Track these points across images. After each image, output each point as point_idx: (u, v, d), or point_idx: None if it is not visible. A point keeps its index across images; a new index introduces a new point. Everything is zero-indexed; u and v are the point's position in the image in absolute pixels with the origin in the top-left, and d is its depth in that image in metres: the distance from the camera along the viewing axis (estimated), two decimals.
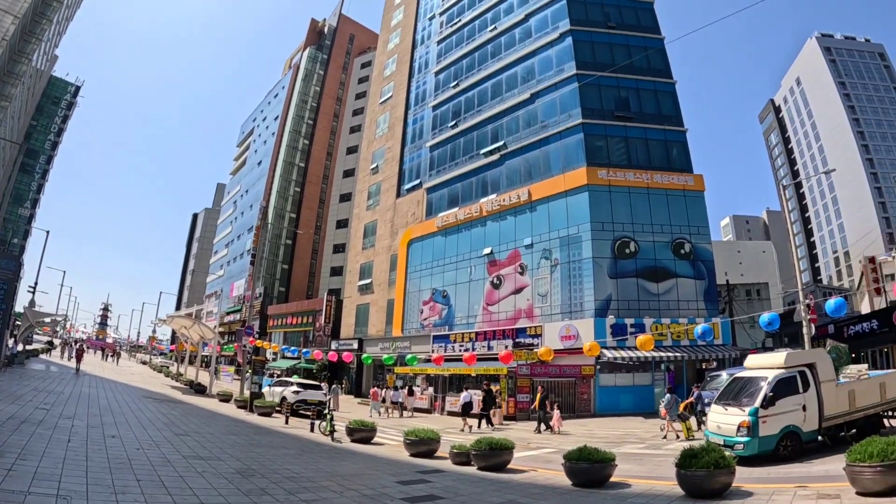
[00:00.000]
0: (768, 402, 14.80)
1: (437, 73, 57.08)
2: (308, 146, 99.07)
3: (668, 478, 11.55)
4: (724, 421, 15.50)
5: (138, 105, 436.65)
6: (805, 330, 29.12)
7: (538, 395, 28.44)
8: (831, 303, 23.41)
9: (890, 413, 17.17)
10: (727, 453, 11.03)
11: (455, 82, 53.97)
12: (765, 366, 16.48)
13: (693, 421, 22.55)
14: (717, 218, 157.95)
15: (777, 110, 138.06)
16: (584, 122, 41.81)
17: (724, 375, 25.58)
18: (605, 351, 33.87)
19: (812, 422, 15.19)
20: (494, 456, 14.30)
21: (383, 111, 64.30)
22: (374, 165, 62.19)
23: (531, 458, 17.25)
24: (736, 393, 16.09)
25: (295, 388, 30.81)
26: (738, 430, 14.77)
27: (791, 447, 14.68)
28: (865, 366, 18.45)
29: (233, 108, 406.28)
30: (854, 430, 16.08)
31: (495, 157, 46.84)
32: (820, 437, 15.86)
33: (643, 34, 46.86)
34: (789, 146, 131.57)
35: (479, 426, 27.97)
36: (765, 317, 24.47)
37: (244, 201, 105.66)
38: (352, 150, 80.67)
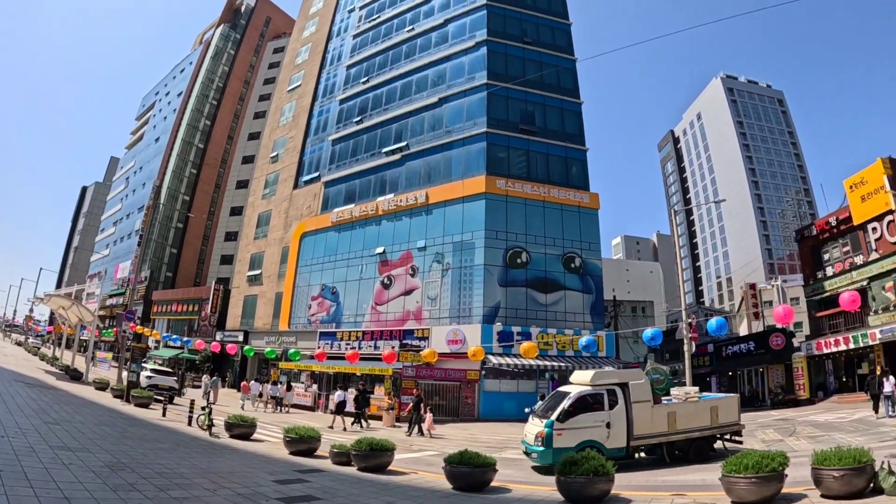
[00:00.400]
0: (565, 416, 15.34)
1: (349, 67, 56.08)
2: (210, 127, 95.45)
3: (549, 483, 11.61)
4: (530, 430, 16.07)
5: (32, 65, 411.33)
6: (686, 347, 30.31)
7: (413, 398, 28.21)
8: (713, 322, 24.35)
9: (729, 436, 17.42)
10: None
11: (366, 78, 53.13)
12: (578, 382, 16.93)
13: None
14: (609, 236, 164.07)
15: (676, 141, 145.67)
16: (489, 132, 42.08)
17: None
18: (490, 357, 34.43)
19: (618, 439, 15.55)
20: (375, 457, 14.10)
21: (290, 99, 62.75)
22: (274, 154, 60.54)
23: (413, 461, 17.07)
24: (549, 406, 16.53)
25: (148, 372, 32.05)
26: (536, 439, 15.36)
27: None
28: (696, 388, 18.74)
29: (135, 79, 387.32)
30: (680, 451, 16.49)
31: (397, 157, 46.38)
32: (637, 455, 16.40)
33: (557, 53, 47.84)
34: (684, 175, 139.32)
35: (361, 426, 27.53)
36: (648, 332, 25.13)
37: (137, 178, 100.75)
38: (254, 136, 78.37)
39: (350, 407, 29.28)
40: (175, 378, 34.45)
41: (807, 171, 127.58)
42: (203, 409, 20.07)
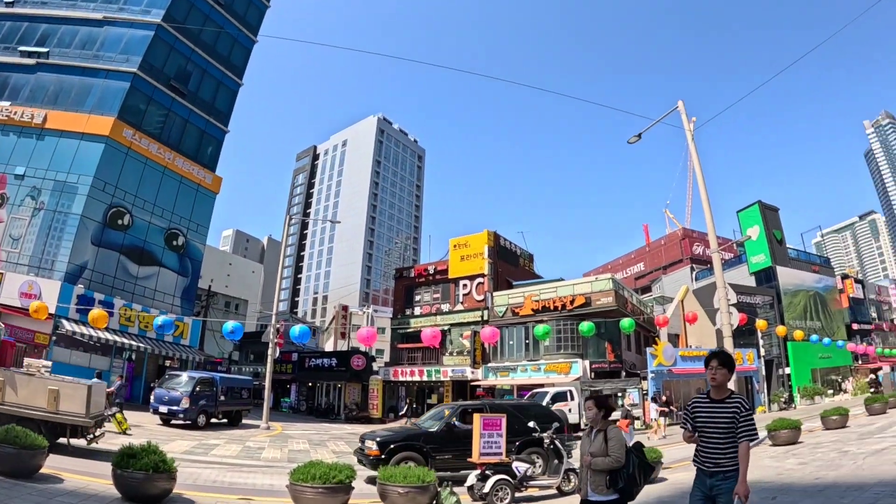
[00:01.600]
0: None
1: None
2: None
3: (107, 476, 10.02)
4: None
5: None
6: (270, 351, 30.80)
7: None
8: (296, 329, 25.12)
9: (89, 433, 14.60)
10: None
11: None
12: None
13: (123, 415, 20.85)
14: (222, 226, 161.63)
15: (316, 157, 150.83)
16: (138, 75, 38.04)
17: (185, 377, 25.80)
18: (65, 322, 30.78)
19: None
20: None
21: None
22: None
23: None
24: None
25: None
26: None
27: None
28: (46, 363, 15.48)
29: None
30: None
31: (32, 61, 38.40)
32: None
33: (242, 27, 46.59)
34: (311, 190, 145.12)
35: None
36: (228, 325, 24.98)
37: None
38: None
39: None
40: None
41: (421, 222, 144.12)
42: None
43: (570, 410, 27.92)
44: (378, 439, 13.90)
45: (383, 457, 13.24)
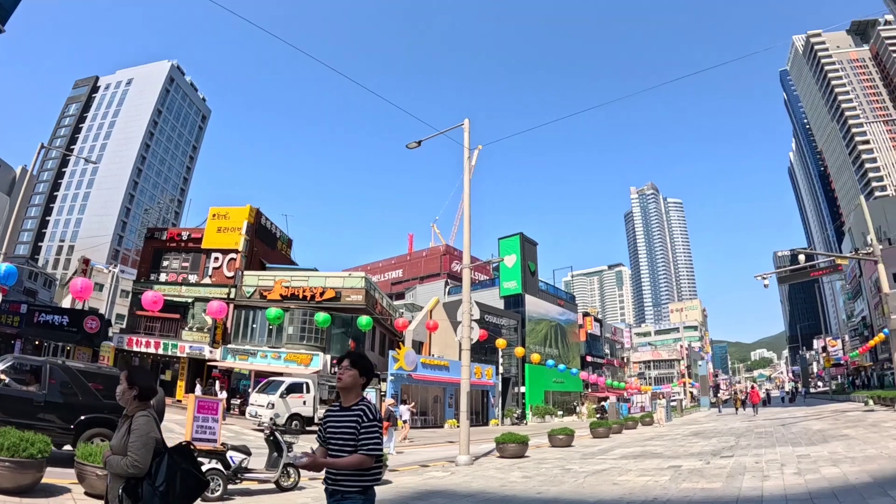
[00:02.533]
0: None
1: None
2: None
3: None
4: None
5: None
6: None
7: None
8: (2, 267, 22.00)
9: None
10: None
11: None
12: None
13: None
14: None
15: (95, 89, 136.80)
16: None
17: None
18: None
19: None
20: None
21: None
22: None
23: None
24: None
25: None
26: None
27: None
28: None
29: None
30: None
31: None
32: None
33: None
34: (81, 125, 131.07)
35: None
36: None
37: None
38: None
39: None
40: None
41: (190, 185, 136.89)
42: None
43: (304, 403, 27.92)
44: None
45: None
